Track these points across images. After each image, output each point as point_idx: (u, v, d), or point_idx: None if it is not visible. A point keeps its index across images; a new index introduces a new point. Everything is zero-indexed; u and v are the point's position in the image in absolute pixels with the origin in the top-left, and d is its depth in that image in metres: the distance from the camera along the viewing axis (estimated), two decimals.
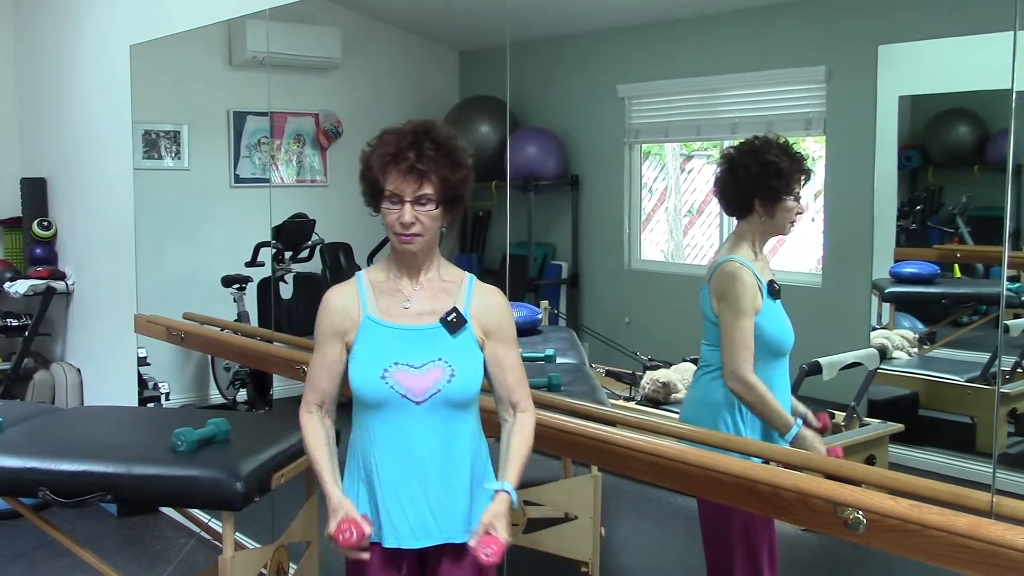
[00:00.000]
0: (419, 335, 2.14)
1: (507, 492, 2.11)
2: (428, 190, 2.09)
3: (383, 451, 2.15)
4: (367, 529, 2.09)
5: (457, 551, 2.15)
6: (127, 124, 4.66)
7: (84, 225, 5.41)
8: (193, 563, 3.94)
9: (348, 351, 2.20)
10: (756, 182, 2.65)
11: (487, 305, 2.17)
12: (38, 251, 5.67)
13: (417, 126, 2.13)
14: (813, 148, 4.95)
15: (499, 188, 6.08)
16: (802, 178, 2.68)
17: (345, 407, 2.31)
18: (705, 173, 5.46)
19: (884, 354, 4.35)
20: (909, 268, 4.66)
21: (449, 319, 2.13)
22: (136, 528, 4.49)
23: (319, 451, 2.20)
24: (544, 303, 4.66)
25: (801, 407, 2.82)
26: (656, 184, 5.52)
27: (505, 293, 2.24)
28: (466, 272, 2.24)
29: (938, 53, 4.25)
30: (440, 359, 2.11)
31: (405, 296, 2.17)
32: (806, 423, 2.65)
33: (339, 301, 2.22)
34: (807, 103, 4.70)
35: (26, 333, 5.58)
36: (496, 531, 2.05)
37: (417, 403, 2.11)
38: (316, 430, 2.23)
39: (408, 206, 2.10)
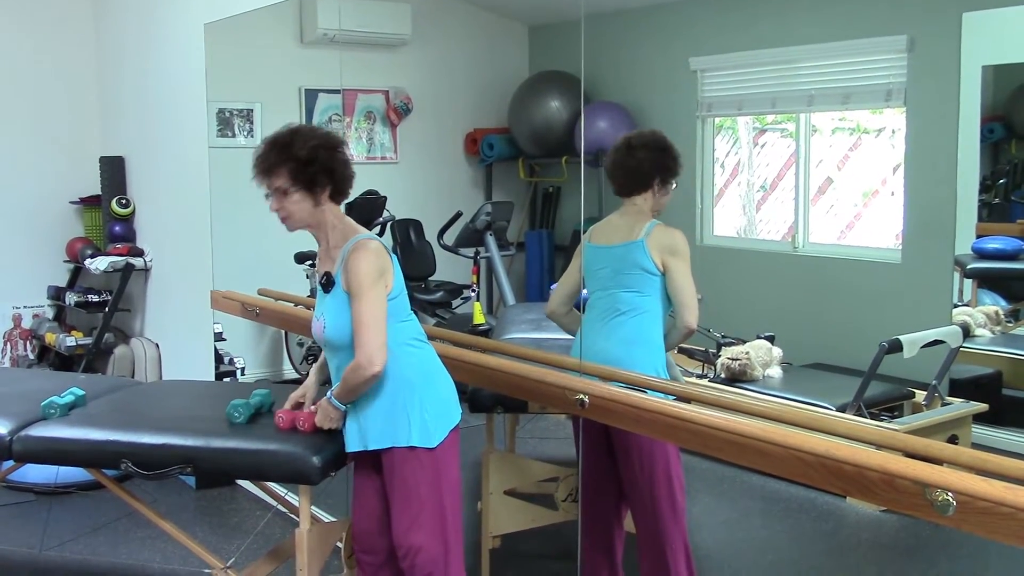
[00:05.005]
0: (319, 294, 2.69)
1: (329, 399, 2.66)
2: (280, 182, 2.57)
3: None
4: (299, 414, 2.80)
5: (387, 457, 2.62)
6: (202, 103, 4.70)
7: (161, 203, 5.50)
8: (269, 535, 4.00)
9: None
10: (656, 164, 3.07)
11: (346, 266, 2.56)
12: (117, 228, 5.78)
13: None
14: (893, 120, 4.82)
15: (569, 163, 6.04)
16: (679, 170, 3.12)
17: None
18: (779, 147, 5.35)
19: (967, 332, 4.24)
20: (992, 244, 4.53)
21: (320, 281, 2.64)
22: (214, 500, 4.57)
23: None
24: None
25: None
26: (728, 159, 5.42)
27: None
28: (355, 236, 2.61)
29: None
30: (322, 312, 2.64)
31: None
32: None
33: None
34: (887, 74, 4.57)
35: (106, 309, 5.70)
36: (311, 410, 2.77)
37: (323, 343, 2.67)
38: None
39: (272, 199, 2.62)
